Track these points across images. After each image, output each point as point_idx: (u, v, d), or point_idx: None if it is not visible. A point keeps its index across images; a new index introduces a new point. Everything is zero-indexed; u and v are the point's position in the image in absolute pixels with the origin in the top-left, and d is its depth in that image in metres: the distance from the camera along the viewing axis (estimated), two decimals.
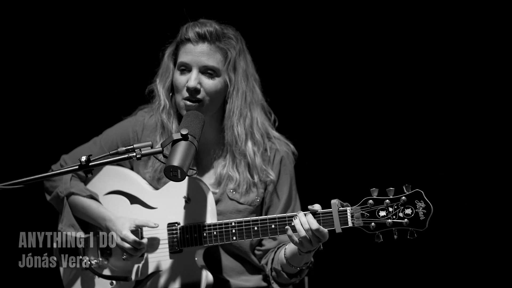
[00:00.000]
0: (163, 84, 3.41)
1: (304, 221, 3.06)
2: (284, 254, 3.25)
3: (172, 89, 3.40)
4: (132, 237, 3.28)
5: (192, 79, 3.31)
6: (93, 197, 3.43)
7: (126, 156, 2.98)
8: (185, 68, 3.34)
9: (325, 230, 3.05)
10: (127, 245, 3.28)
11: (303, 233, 3.06)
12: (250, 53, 3.45)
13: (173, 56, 3.40)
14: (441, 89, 4.40)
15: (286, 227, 3.11)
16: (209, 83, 3.33)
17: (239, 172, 3.38)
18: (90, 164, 2.96)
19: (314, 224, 3.04)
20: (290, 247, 3.22)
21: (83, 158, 2.95)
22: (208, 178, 3.43)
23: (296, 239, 3.09)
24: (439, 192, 3.44)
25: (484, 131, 4.35)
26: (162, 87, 3.41)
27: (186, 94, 3.32)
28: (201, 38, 3.31)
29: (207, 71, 3.33)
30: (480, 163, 4.35)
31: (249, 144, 3.39)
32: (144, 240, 3.29)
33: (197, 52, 3.31)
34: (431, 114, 4.41)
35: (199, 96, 3.32)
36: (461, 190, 4.35)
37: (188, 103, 3.32)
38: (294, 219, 3.10)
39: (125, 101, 3.68)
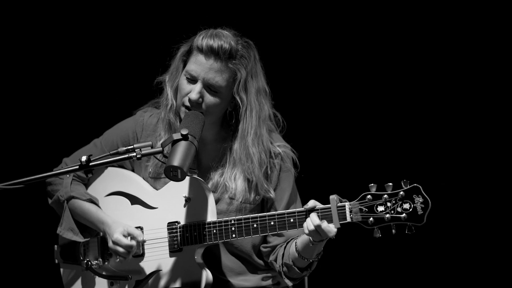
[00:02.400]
0: (171, 84, 3.39)
1: (314, 219, 3.09)
2: (296, 248, 3.25)
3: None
4: (123, 240, 3.28)
5: (195, 92, 3.28)
6: (92, 201, 3.44)
7: (126, 156, 2.99)
8: (191, 78, 3.30)
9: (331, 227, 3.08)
10: (119, 249, 3.29)
11: (311, 227, 3.10)
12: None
13: (184, 58, 3.36)
14: (438, 85, 4.41)
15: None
16: (211, 99, 3.30)
17: (236, 183, 3.37)
18: (90, 164, 2.97)
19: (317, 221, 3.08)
20: (302, 240, 3.23)
21: (83, 158, 2.96)
22: (207, 183, 3.43)
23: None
24: (437, 187, 3.46)
25: (481, 127, 4.36)
26: (170, 87, 3.39)
27: (186, 103, 3.31)
28: (213, 53, 3.26)
29: (210, 88, 3.30)
30: (478, 158, 4.36)
31: (257, 163, 3.37)
32: (133, 242, 3.29)
33: (206, 67, 3.28)
34: (429, 110, 4.42)
35: (199, 110, 3.29)
36: (459, 185, 4.36)
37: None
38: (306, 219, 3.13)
39: (126, 103, 3.68)
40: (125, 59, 4.49)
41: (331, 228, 3.07)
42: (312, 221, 3.09)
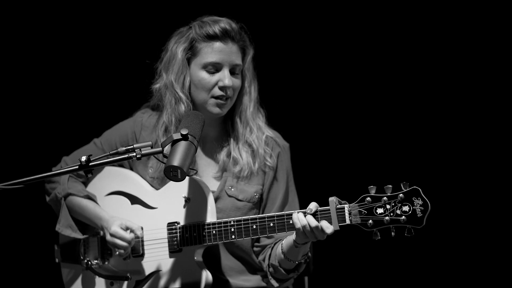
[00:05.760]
0: (181, 85, 3.39)
1: (301, 218, 3.08)
2: (281, 249, 3.26)
3: (189, 87, 3.41)
4: (121, 232, 3.29)
5: (228, 77, 3.33)
6: (90, 197, 3.45)
7: (126, 156, 2.99)
8: (215, 67, 3.35)
9: (323, 226, 3.07)
10: (117, 241, 3.29)
11: (298, 225, 3.09)
12: None
13: (188, 55, 3.38)
14: (439, 86, 4.41)
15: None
16: (236, 81, 3.37)
17: (242, 156, 3.41)
18: (90, 164, 2.97)
19: (313, 223, 3.07)
20: (287, 242, 3.24)
21: (83, 158, 2.96)
22: (212, 169, 3.45)
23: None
24: (436, 189, 3.46)
25: (481, 129, 4.36)
26: (181, 87, 3.39)
27: (218, 93, 3.34)
28: (229, 36, 3.32)
29: (235, 69, 3.36)
30: (477, 160, 4.36)
31: (255, 132, 3.43)
32: (131, 235, 3.30)
33: (228, 52, 3.33)
34: (429, 112, 4.42)
35: (230, 94, 3.36)
36: (459, 187, 4.36)
37: (220, 102, 3.34)
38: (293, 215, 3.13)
39: (125, 103, 3.69)
40: (125, 59, 4.50)
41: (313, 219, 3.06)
42: (300, 220, 3.08)
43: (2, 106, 4.55)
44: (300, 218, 3.08)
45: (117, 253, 3.36)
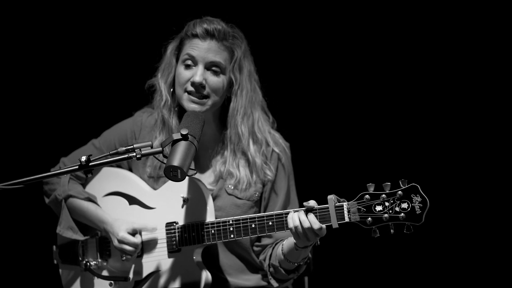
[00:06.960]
0: (165, 79, 3.42)
1: (295, 218, 3.07)
2: (282, 250, 3.26)
3: (173, 84, 3.42)
4: (129, 238, 3.30)
5: (198, 74, 3.32)
6: (90, 199, 3.45)
7: (126, 156, 2.99)
8: (190, 63, 3.35)
9: (311, 220, 3.06)
10: (125, 247, 3.30)
11: (290, 225, 3.08)
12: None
13: (176, 52, 3.42)
14: (436, 84, 4.42)
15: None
16: (214, 80, 3.35)
17: (239, 169, 3.40)
18: (90, 164, 2.96)
19: (306, 223, 3.06)
20: (288, 243, 3.24)
21: (83, 158, 2.95)
22: (208, 176, 3.45)
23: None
24: (435, 186, 3.47)
25: (479, 126, 4.37)
26: (164, 82, 3.42)
27: (189, 89, 3.34)
28: (209, 35, 3.33)
29: (212, 67, 3.35)
30: (475, 157, 4.37)
31: (251, 143, 3.41)
32: (138, 239, 3.31)
33: (204, 48, 3.33)
34: (426, 109, 4.43)
35: (204, 92, 3.34)
36: (457, 184, 4.36)
37: (193, 98, 3.33)
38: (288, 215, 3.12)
39: (124, 104, 3.69)
40: (124, 60, 4.50)
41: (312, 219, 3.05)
42: (293, 219, 3.07)
43: (2, 106, 4.55)
44: (294, 219, 3.08)
45: (123, 258, 3.36)
